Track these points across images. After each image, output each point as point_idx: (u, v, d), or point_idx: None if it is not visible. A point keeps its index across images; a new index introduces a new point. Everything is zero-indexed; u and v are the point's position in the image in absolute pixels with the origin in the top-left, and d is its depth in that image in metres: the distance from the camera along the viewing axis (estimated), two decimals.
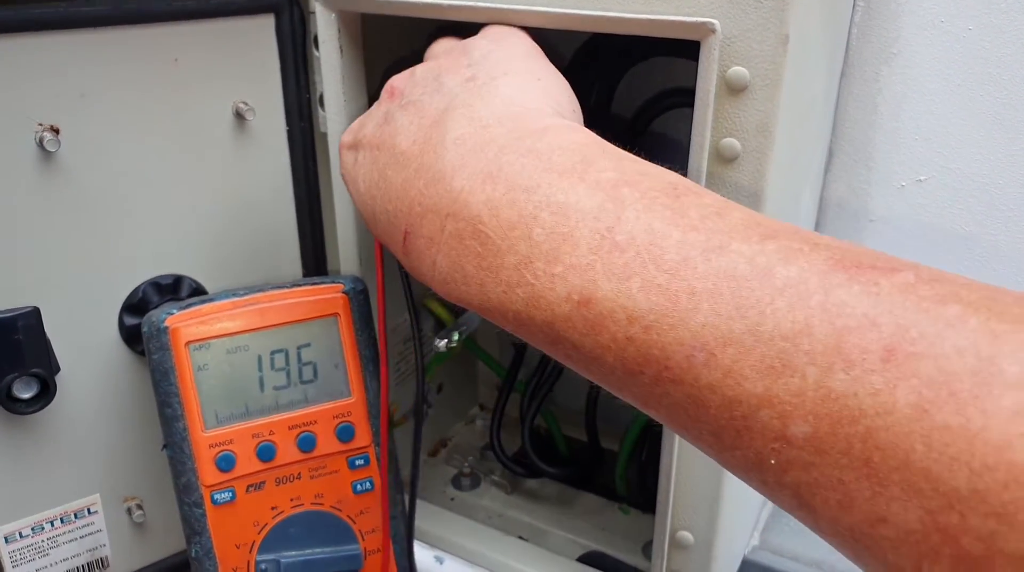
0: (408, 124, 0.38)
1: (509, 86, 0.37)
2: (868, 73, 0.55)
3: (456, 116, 0.36)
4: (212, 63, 0.51)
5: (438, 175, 0.34)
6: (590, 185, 0.30)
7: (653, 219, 0.28)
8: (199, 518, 0.47)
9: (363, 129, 0.41)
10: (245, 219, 0.55)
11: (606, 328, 0.28)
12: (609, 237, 0.29)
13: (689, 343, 0.26)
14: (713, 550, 0.50)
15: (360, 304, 0.51)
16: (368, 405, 0.51)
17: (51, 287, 0.48)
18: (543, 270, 0.30)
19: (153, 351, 0.47)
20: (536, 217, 0.30)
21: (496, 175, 0.32)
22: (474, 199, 0.32)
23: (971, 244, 0.55)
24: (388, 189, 0.37)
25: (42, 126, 0.46)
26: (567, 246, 0.29)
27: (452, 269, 0.33)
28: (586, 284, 0.29)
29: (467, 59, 0.40)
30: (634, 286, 0.27)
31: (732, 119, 0.40)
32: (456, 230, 0.33)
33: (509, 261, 0.31)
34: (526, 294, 0.30)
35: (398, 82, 0.41)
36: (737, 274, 0.26)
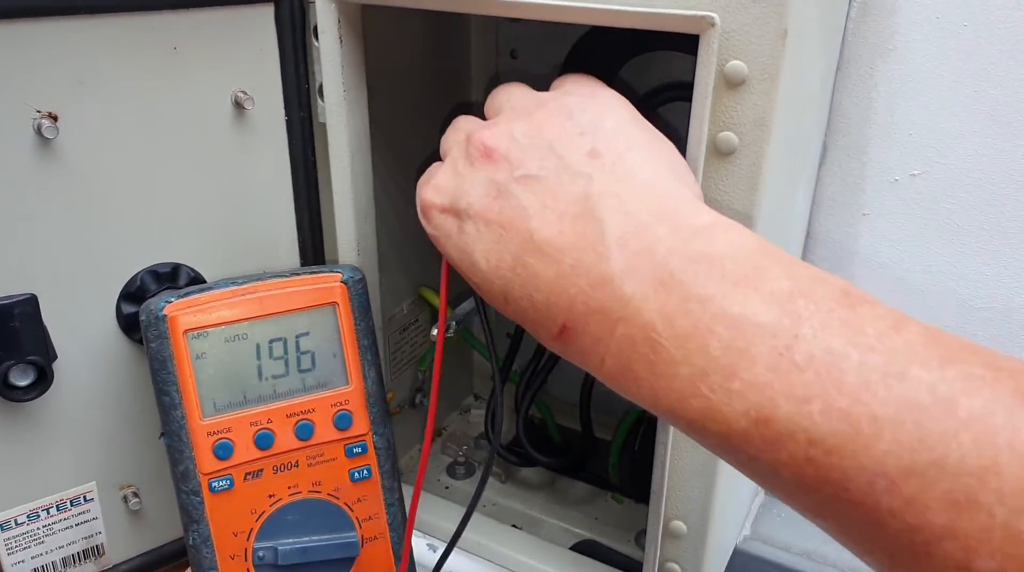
0: (541, 208, 0.36)
1: (642, 167, 0.36)
2: (863, 68, 0.55)
3: (606, 209, 0.34)
4: (211, 52, 0.51)
5: (605, 278, 0.33)
6: (765, 297, 0.30)
7: (831, 338, 0.28)
8: (197, 506, 0.48)
9: (465, 195, 0.39)
10: (243, 208, 0.55)
11: (784, 447, 0.28)
12: (787, 356, 0.28)
13: (871, 469, 0.26)
14: (706, 540, 0.51)
15: (358, 293, 0.51)
16: (366, 393, 0.51)
17: (48, 275, 0.48)
18: (720, 385, 0.30)
19: (151, 339, 0.47)
20: (712, 329, 0.30)
21: (669, 283, 0.32)
22: (647, 307, 0.32)
23: (964, 238, 0.55)
24: (532, 279, 0.36)
25: (40, 113, 0.46)
26: (744, 362, 0.29)
27: (622, 370, 0.33)
28: (764, 403, 0.29)
29: (572, 123, 0.38)
30: (815, 409, 0.27)
31: (730, 113, 0.40)
32: (628, 335, 0.33)
33: (683, 371, 0.31)
34: (701, 405, 0.30)
35: (492, 141, 0.39)
36: (919, 403, 0.26)
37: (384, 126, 0.57)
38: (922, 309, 0.58)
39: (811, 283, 0.30)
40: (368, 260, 0.57)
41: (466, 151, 0.40)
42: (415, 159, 0.63)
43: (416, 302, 0.69)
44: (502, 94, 0.44)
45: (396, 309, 0.66)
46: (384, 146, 0.58)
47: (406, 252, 0.65)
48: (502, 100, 0.43)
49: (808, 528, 0.67)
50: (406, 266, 0.66)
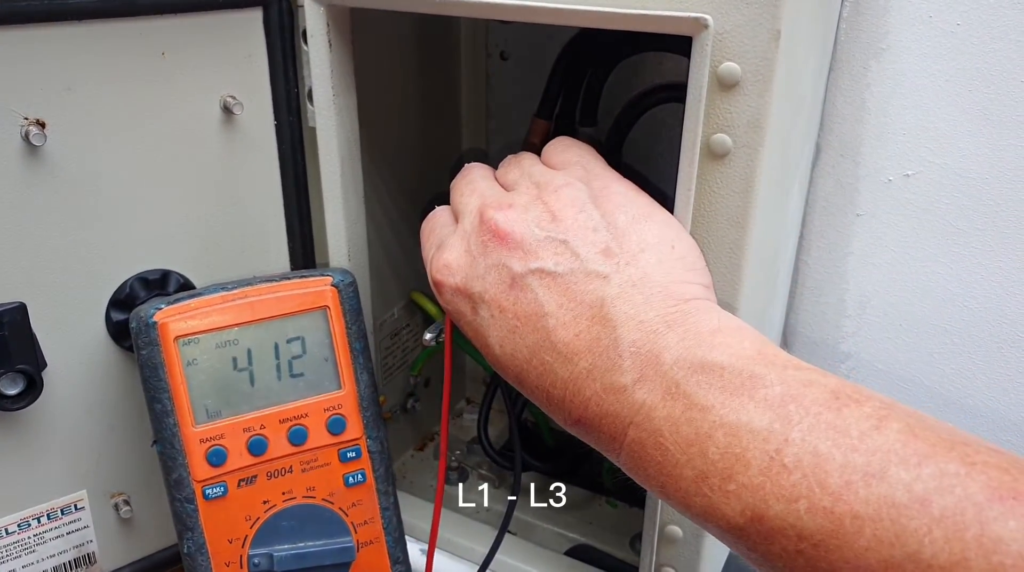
0: (557, 307, 0.38)
1: (656, 269, 0.38)
2: (856, 68, 0.55)
3: (621, 316, 0.37)
4: (200, 57, 0.50)
5: (618, 386, 0.36)
6: (759, 403, 0.33)
7: (817, 441, 0.31)
8: (191, 513, 0.47)
9: (478, 279, 0.41)
10: (233, 213, 0.55)
11: (776, 541, 0.31)
12: (778, 459, 0.31)
13: (854, 563, 0.29)
14: (701, 544, 0.50)
15: (349, 297, 0.51)
16: (359, 397, 0.51)
17: (37, 282, 0.48)
18: (718, 486, 0.33)
19: (142, 346, 0.47)
20: (711, 436, 0.33)
21: (675, 393, 0.34)
22: (656, 415, 0.35)
23: (958, 239, 0.55)
24: (548, 374, 0.38)
25: (28, 120, 0.45)
26: (739, 466, 0.32)
27: (634, 467, 0.36)
28: (757, 503, 0.31)
29: (586, 217, 0.40)
30: (801, 507, 0.30)
31: (723, 115, 0.40)
32: (639, 438, 0.35)
33: (687, 473, 0.34)
34: (703, 503, 0.33)
35: (508, 226, 0.41)
36: (896, 502, 0.28)
37: (374, 130, 0.57)
38: (916, 310, 0.58)
39: (802, 387, 0.33)
40: (359, 265, 0.57)
41: (479, 229, 0.42)
42: (405, 164, 0.63)
43: (407, 307, 0.69)
44: (516, 167, 0.45)
45: (387, 314, 0.66)
46: (374, 150, 0.58)
47: (397, 257, 0.65)
48: (516, 175, 0.45)
49: None
50: (397, 271, 0.65)
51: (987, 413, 0.59)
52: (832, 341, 0.62)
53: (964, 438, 0.30)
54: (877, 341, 0.61)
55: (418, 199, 0.65)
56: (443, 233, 0.45)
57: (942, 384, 0.59)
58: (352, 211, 0.55)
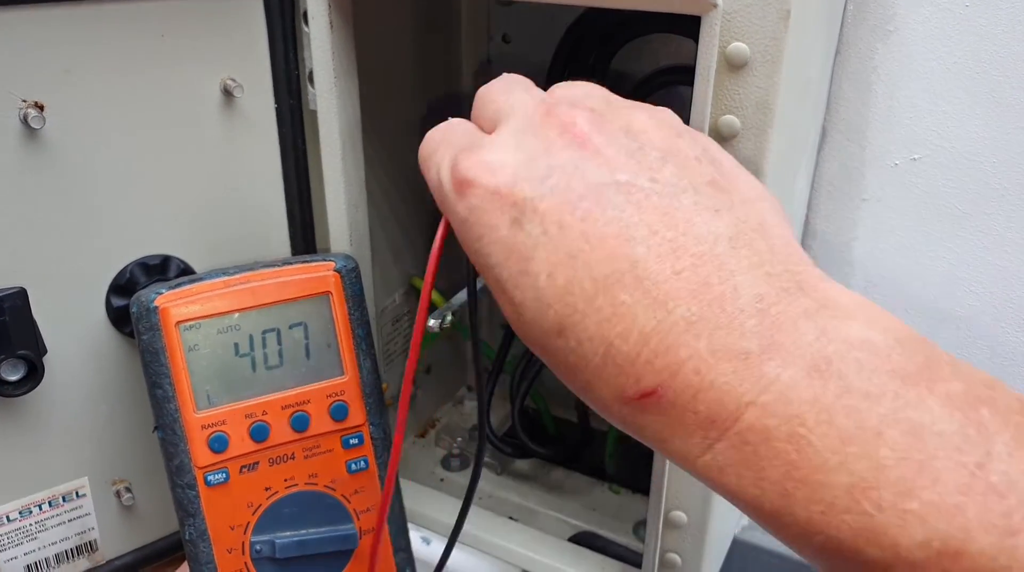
0: (651, 234, 0.28)
1: (773, 217, 0.30)
2: (863, 51, 0.54)
3: (741, 260, 0.28)
4: (200, 39, 0.50)
5: (736, 349, 0.26)
6: (942, 400, 0.25)
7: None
8: (192, 500, 0.47)
9: (535, 182, 0.30)
10: (233, 198, 0.54)
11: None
12: (981, 476, 0.23)
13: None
14: (706, 530, 0.50)
15: (352, 282, 0.50)
16: (362, 384, 0.50)
17: (37, 268, 0.47)
18: (891, 502, 0.24)
19: (143, 332, 0.46)
20: (882, 434, 0.24)
21: (825, 370, 0.26)
22: (795, 396, 0.25)
23: (964, 223, 0.55)
24: (619, 319, 0.28)
25: (26, 103, 0.45)
26: (924, 479, 0.24)
27: (740, 464, 0.27)
28: (954, 532, 0.23)
29: (685, 142, 0.31)
30: (1021, 544, 0.23)
31: (732, 96, 0.40)
32: (761, 425, 0.26)
33: (839, 480, 0.25)
34: (859, 525, 0.25)
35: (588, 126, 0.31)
36: None
37: (374, 114, 0.56)
38: (922, 294, 0.58)
39: (986, 389, 0.25)
40: (361, 250, 0.56)
41: (542, 124, 0.31)
42: (405, 148, 0.63)
43: (408, 293, 0.68)
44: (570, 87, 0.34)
45: (388, 300, 0.66)
46: (374, 134, 0.57)
47: (398, 242, 0.65)
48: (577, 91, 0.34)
49: None
50: (398, 256, 0.65)
51: None
52: None
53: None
54: None
55: (418, 184, 0.65)
56: (469, 140, 0.34)
57: None
58: (354, 196, 0.55)
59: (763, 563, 0.64)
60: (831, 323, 0.26)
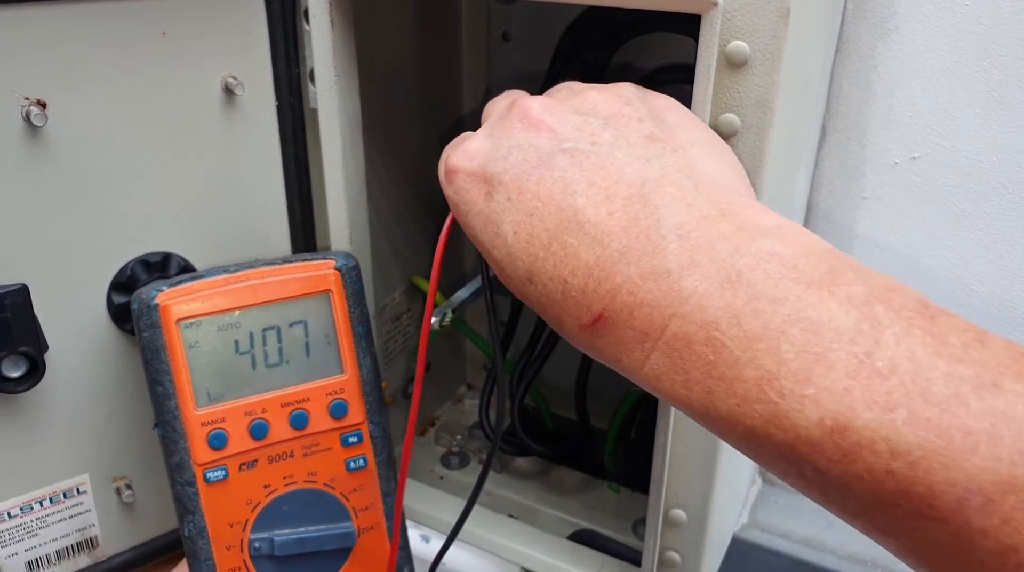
0: (588, 185, 0.33)
1: (705, 160, 0.35)
2: (863, 50, 0.54)
3: (665, 197, 0.32)
4: (201, 37, 0.50)
5: (659, 270, 0.31)
6: (841, 300, 0.28)
7: (914, 346, 0.27)
8: (192, 497, 0.47)
9: (499, 160, 0.36)
10: (234, 195, 0.55)
11: (862, 458, 0.27)
12: (868, 362, 0.27)
13: (963, 485, 0.25)
14: (706, 528, 0.50)
15: (352, 280, 0.50)
16: (361, 382, 0.50)
17: (38, 264, 0.48)
18: (791, 389, 0.28)
19: (143, 329, 0.47)
20: (784, 332, 0.28)
21: (736, 280, 0.30)
22: (710, 304, 0.30)
23: (964, 221, 0.55)
24: (569, 260, 0.33)
25: (28, 100, 0.45)
26: (820, 367, 0.27)
27: (671, 370, 0.31)
28: (843, 410, 0.27)
29: (631, 108, 0.36)
30: (899, 418, 0.26)
31: (731, 94, 0.40)
32: (683, 333, 0.30)
33: (749, 374, 0.29)
34: (767, 411, 0.28)
35: (542, 111, 0.37)
36: (1017, 416, 0.25)
37: (374, 113, 0.56)
38: (922, 293, 0.58)
39: (887, 291, 0.29)
40: (361, 248, 0.56)
41: (507, 115, 0.38)
42: (406, 147, 0.63)
43: (408, 291, 0.68)
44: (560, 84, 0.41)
45: (388, 298, 0.66)
46: (374, 133, 0.57)
47: (398, 241, 0.65)
48: (558, 87, 0.41)
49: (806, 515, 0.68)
50: (398, 255, 0.65)
51: None
52: None
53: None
54: None
55: (417, 183, 0.65)
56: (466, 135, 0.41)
57: None
58: (354, 194, 0.55)
59: (762, 561, 0.64)
60: (745, 242, 0.30)
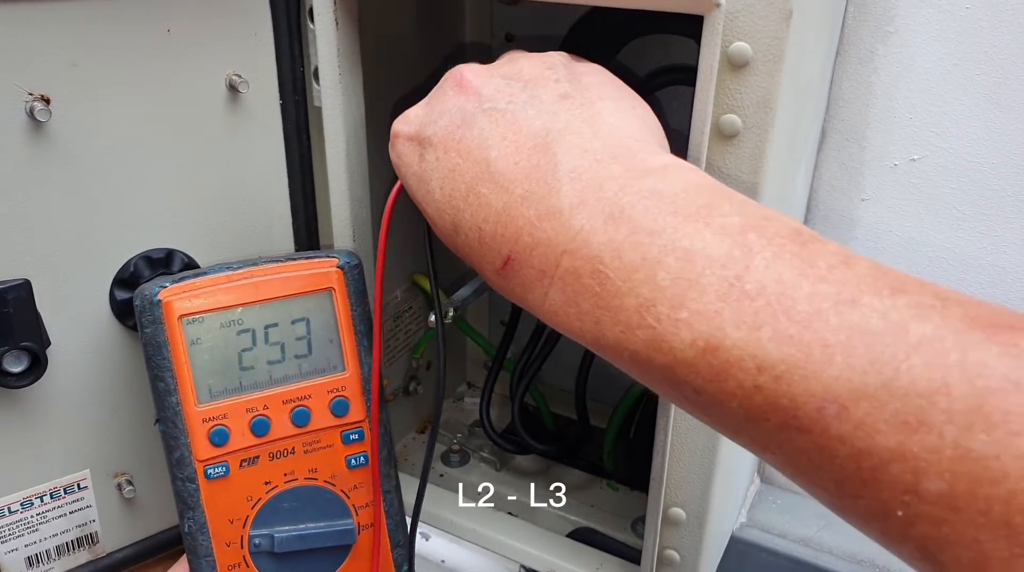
0: (500, 139, 0.36)
1: (612, 114, 0.36)
2: (863, 52, 0.55)
3: (565, 144, 0.35)
4: (205, 34, 0.50)
5: (553, 210, 0.33)
6: (716, 230, 0.30)
7: (782, 268, 0.28)
8: (192, 493, 0.47)
9: (431, 124, 0.39)
10: (237, 193, 0.55)
11: (732, 376, 0.28)
12: (738, 285, 0.28)
13: (820, 395, 0.26)
14: (705, 526, 0.50)
15: (355, 278, 0.51)
16: (363, 380, 0.50)
17: (41, 260, 0.48)
18: (666, 314, 0.30)
19: (146, 325, 0.47)
20: (660, 261, 0.30)
21: (618, 216, 0.32)
22: (595, 239, 0.32)
23: (964, 224, 0.55)
24: (483, 208, 0.36)
25: (32, 95, 0.45)
26: (693, 292, 0.29)
27: (565, 304, 0.33)
28: (713, 331, 0.28)
29: (552, 72, 0.38)
30: (764, 336, 0.27)
31: (733, 95, 0.40)
32: (573, 267, 0.32)
33: (630, 302, 0.31)
34: (647, 336, 0.30)
35: (472, 76, 0.39)
36: (871, 329, 0.26)
37: (377, 111, 0.56)
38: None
39: (762, 220, 0.30)
40: (363, 246, 0.57)
41: (443, 83, 0.41)
42: None
43: (410, 289, 0.68)
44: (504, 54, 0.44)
45: (390, 296, 0.66)
46: (377, 132, 0.57)
47: (400, 239, 0.65)
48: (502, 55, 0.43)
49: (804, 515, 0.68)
50: (400, 253, 0.65)
51: None
52: None
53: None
54: None
55: None
56: None
57: None
58: (357, 192, 0.55)
59: (760, 561, 0.64)
60: (631, 181, 0.32)
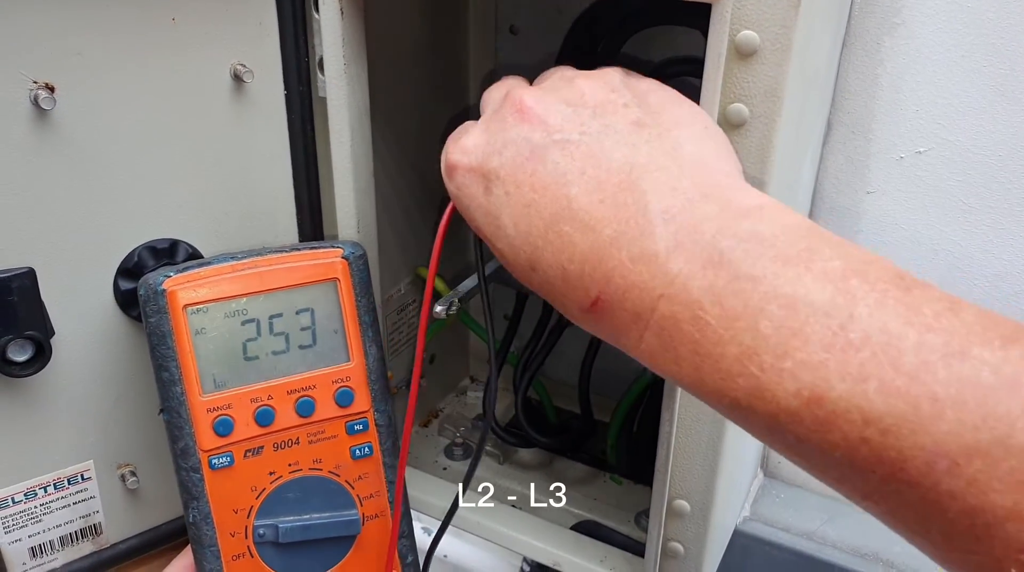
0: (579, 174, 0.35)
1: (689, 141, 0.36)
2: (870, 44, 0.54)
3: (652, 182, 0.34)
4: (210, 23, 0.50)
5: (648, 254, 0.32)
6: (817, 276, 0.29)
7: (887, 317, 0.28)
8: (196, 483, 0.47)
9: (495, 155, 0.38)
10: (242, 183, 0.55)
11: (837, 427, 0.28)
12: (842, 334, 0.28)
13: (931, 449, 0.26)
14: (709, 519, 0.50)
15: (360, 269, 0.50)
16: (367, 370, 0.50)
17: (45, 249, 0.48)
18: (770, 364, 0.29)
19: (150, 314, 0.47)
20: (763, 309, 0.30)
21: (718, 261, 0.31)
22: (694, 285, 0.31)
23: (970, 217, 0.55)
24: (567, 247, 0.35)
25: (37, 84, 0.45)
26: (797, 341, 0.29)
27: (663, 348, 0.32)
28: (818, 382, 0.28)
29: (617, 95, 0.37)
30: (871, 388, 0.27)
31: (741, 84, 0.40)
32: (671, 313, 0.32)
33: (731, 351, 0.30)
34: (749, 385, 0.30)
35: (533, 103, 0.38)
36: (982, 383, 0.26)
37: (382, 103, 0.56)
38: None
39: (863, 264, 0.30)
40: (368, 237, 0.56)
41: (501, 109, 0.39)
42: (413, 137, 0.63)
43: (414, 282, 0.68)
44: (551, 70, 0.43)
45: (394, 289, 0.66)
46: (382, 123, 0.57)
47: (404, 231, 0.65)
48: (549, 73, 0.42)
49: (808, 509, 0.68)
50: (404, 246, 0.65)
51: None
52: None
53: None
54: None
55: (423, 174, 0.65)
56: (464, 129, 0.42)
57: None
58: (362, 183, 0.55)
59: (763, 554, 0.64)
60: (727, 222, 0.32)
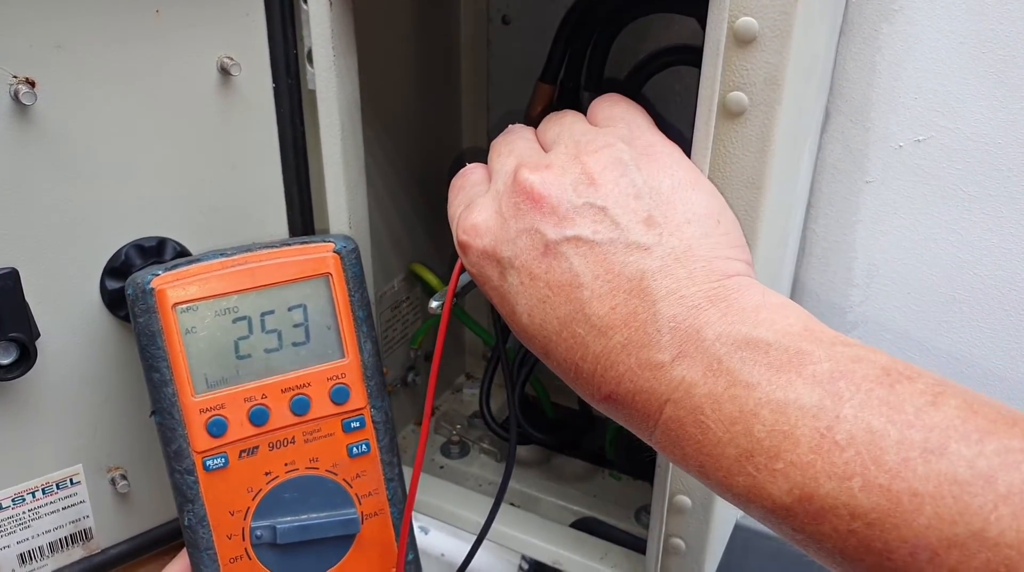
0: (593, 278, 0.37)
1: (700, 242, 0.37)
2: (868, 31, 0.54)
3: (662, 290, 0.35)
4: (196, 15, 0.49)
5: (655, 362, 0.35)
6: (807, 380, 0.32)
7: (871, 417, 0.30)
8: (191, 485, 0.46)
9: (508, 243, 0.39)
10: (230, 179, 0.54)
11: (827, 520, 0.30)
12: (829, 436, 0.30)
13: (912, 542, 0.28)
14: (710, 514, 0.50)
15: (352, 263, 0.50)
16: (363, 367, 0.50)
17: (29, 248, 0.47)
18: (764, 465, 0.31)
19: (139, 314, 0.46)
20: (756, 414, 0.32)
21: (717, 369, 0.33)
22: (696, 392, 0.34)
23: (970, 206, 0.55)
24: (579, 347, 0.37)
25: (17, 78, 0.44)
26: (788, 444, 0.31)
27: (671, 446, 0.35)
28: (807, 481, 0.30)
29: (627, 181, 0.38)
30: (855, 485, 0.29)
31: (740, 72, 0.39)
32: (676, 416, 0.34)
33: (730, 452, 0.33)
34: (746, 483, 0.32)
35: (541, 187, 0.39)
36: (958, 478, 0.27)
37: (372, 95, 0.55)
38: (926, 277, 0.57)
39: (851, 364, 0.32)
40: (360, 232, 0.56)
41: (512, 190, 0.40)
42: (404, 129, 0.62)
43: (407, 279, 0.68)
44: (557, 125, 0.43)
45: (387, 286, 0.65)
46: (373, 117, 0.56)
47: (397, 227, 0.64)
48: (556, 132, 0.43)
49: None
50: (397, 241, 0.64)
51: (997, 382, 0.58)
52: (840, 311, 0.62)
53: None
54: (885, 310, 0.60)
55: (416, 168, 0.64)
56: (474, 192, 0.43)
57: (951, 353, 0.59)
58: (353, 177, 0.54)
59: (764, 547, 0.64)
60: (727, 328, 0.34)
